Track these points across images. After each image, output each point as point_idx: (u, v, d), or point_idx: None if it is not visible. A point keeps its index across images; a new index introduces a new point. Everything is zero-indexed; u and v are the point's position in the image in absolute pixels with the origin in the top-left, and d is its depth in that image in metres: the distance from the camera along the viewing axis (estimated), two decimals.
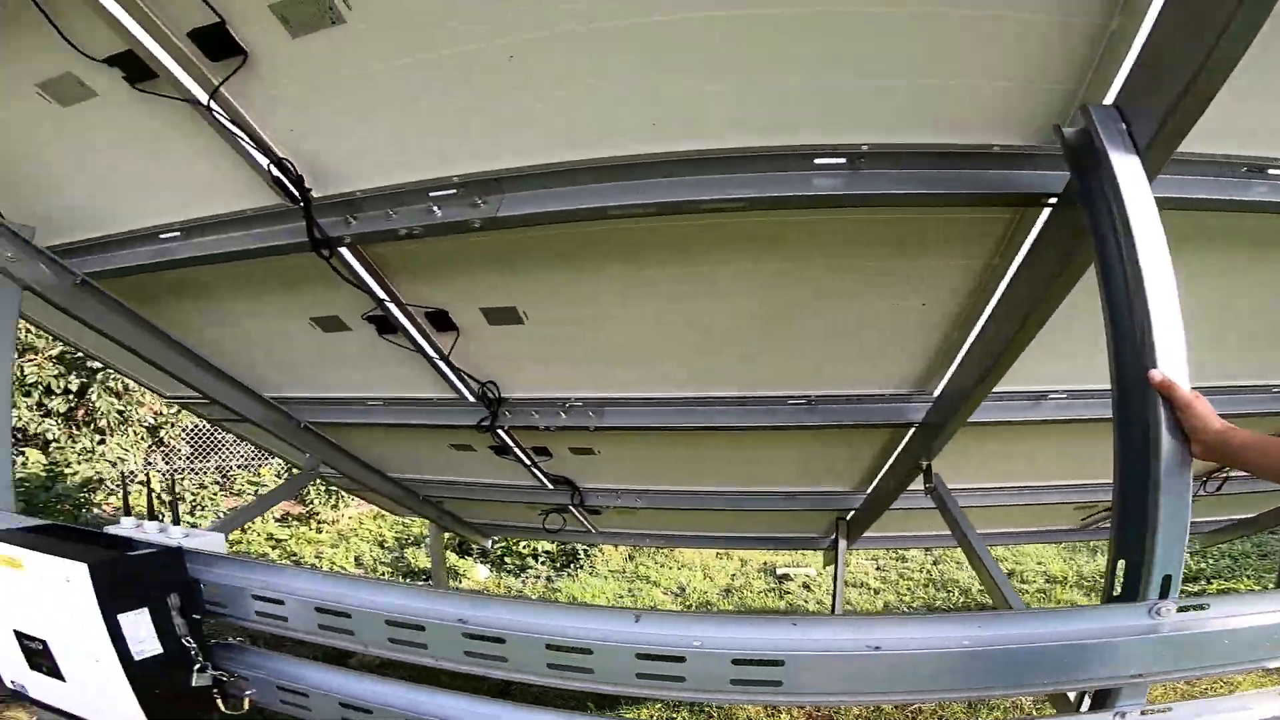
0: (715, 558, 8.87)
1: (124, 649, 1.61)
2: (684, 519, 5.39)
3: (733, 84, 1.76)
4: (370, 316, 2.80)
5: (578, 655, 1.45)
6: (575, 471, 4.46)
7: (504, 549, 8.80)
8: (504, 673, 1.54)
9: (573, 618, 1.48)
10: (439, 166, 2.06)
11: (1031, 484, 3.92)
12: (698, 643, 1.38)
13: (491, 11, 1.64)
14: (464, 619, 1.55)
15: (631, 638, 1.42)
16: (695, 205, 1.91)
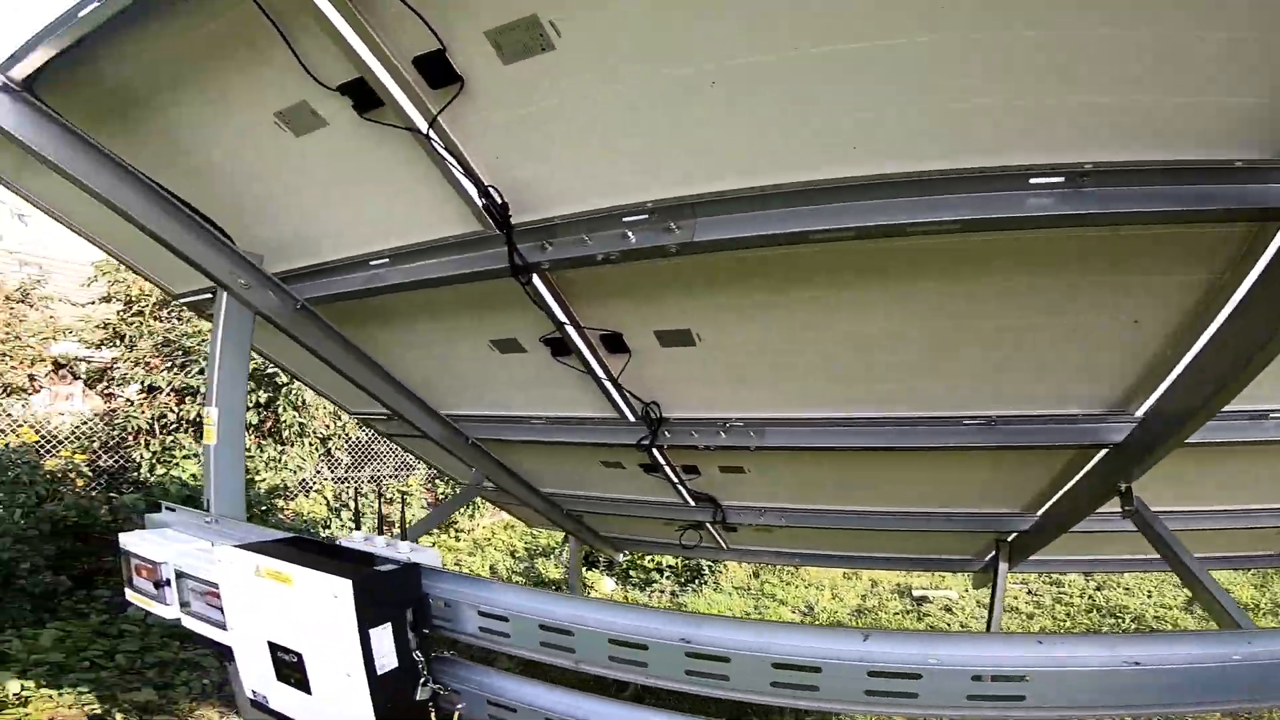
0: (843, 577, 8.60)
1: (371, 663, 1.69)
2: (821, 538, 5.25)
3: (942, 108, 1.71)
4: (547, 339, 2.93)
5: (805, 674, 1.45)
6: (719, 489, 4.46)
7: (630, 562, 8.91)
8: (725, 692, 1.55)
9: (797, 637, 1.49)
10: (633, 192, 2.11)
11: (1236, 507, 3.54)
12: (935, 660, 1.36)
13: (699, 39, 1.67)
14: (686, 638, 1.57)
15: (859, 656, 1.41)
16: (901, 229, 1.87)
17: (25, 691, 4.28)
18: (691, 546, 5.58)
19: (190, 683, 4.93)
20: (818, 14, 1.57)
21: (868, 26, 1.58)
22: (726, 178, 2.00)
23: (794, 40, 1.64)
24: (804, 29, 1.61)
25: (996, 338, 2.44)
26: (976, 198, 1.81)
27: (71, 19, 1.78)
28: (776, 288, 2.38)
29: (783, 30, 1.62)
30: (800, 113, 1.80)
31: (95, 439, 6.99)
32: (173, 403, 7.26)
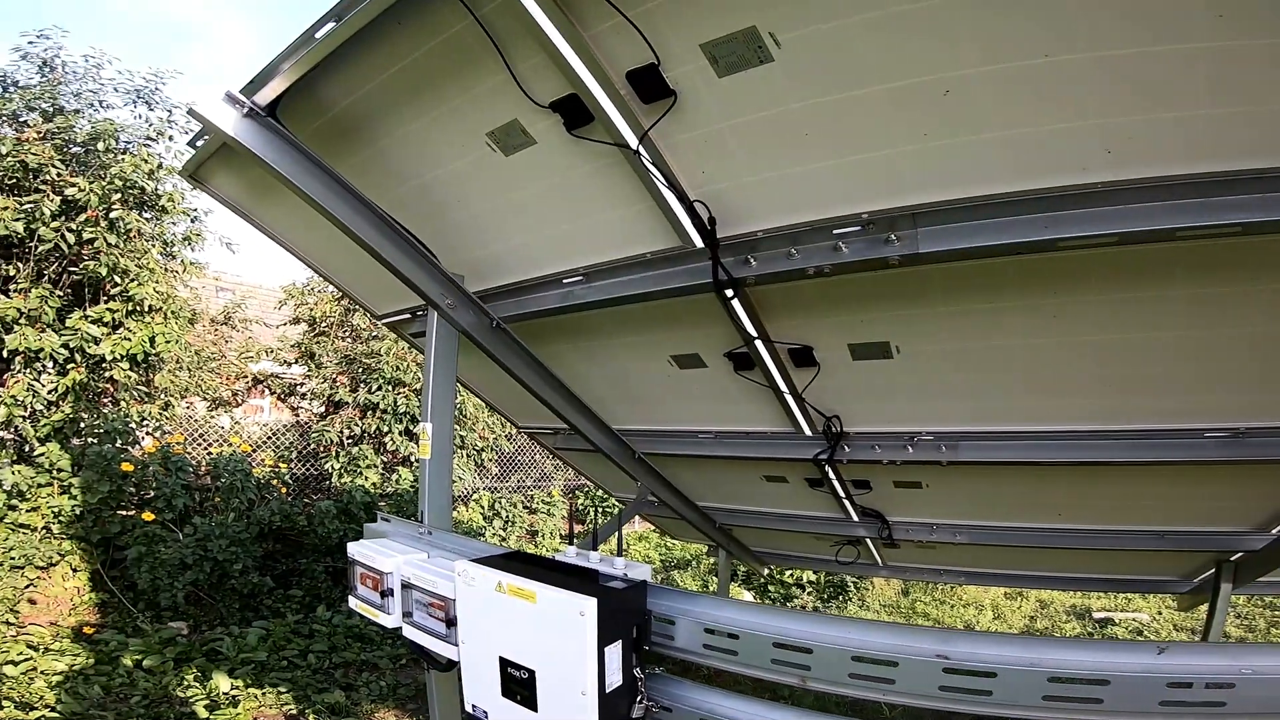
0: (1004, 596, 7.97)
1: (603, 680, 1.67)
2: (992, 555, 4.86)
3: (1212, 110, 1.51)
4: (732, 354, 2.87)
5: (1089, 686, 1.36)
6: (889, 504, 4.23)
7: (770, 576, 8.70)
8: (989, 709, 1.44)
9: (1080, 651, 1.39)
10: (845, 204, 2.01)
11: None
12: (1249, 670, 1.25)
13: (935, 49, 1.57)
14: (945, 654, 1.47)
15: (1153, 669, 1.31)
16: (1171, 233, 1.66)
17: (235, 691, 4.60)
18: (849, 562, 5.36)
19: (370, 684, 5.20)
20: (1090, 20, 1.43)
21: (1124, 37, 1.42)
22: (953, 186, 1.87)
23: (1045, 48, 1.50)
24: (1058, 38, 1.48)
25: (1255, 343, 2.13)
26: (1262, 199, 1.58)
27: (310, 41, 1.84)
28: (992, 297, 2.20)
29: (1031, 39, 1.49)
30: (1045, 119, 1.65)
31: (293, 449, 7.70)
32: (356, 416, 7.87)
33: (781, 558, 6.40)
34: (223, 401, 7.83)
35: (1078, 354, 2.33)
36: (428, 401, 2.68)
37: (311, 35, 1.84)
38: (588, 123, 1.96)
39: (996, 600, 7.86)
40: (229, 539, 5.78)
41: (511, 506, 9.00)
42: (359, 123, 2.28)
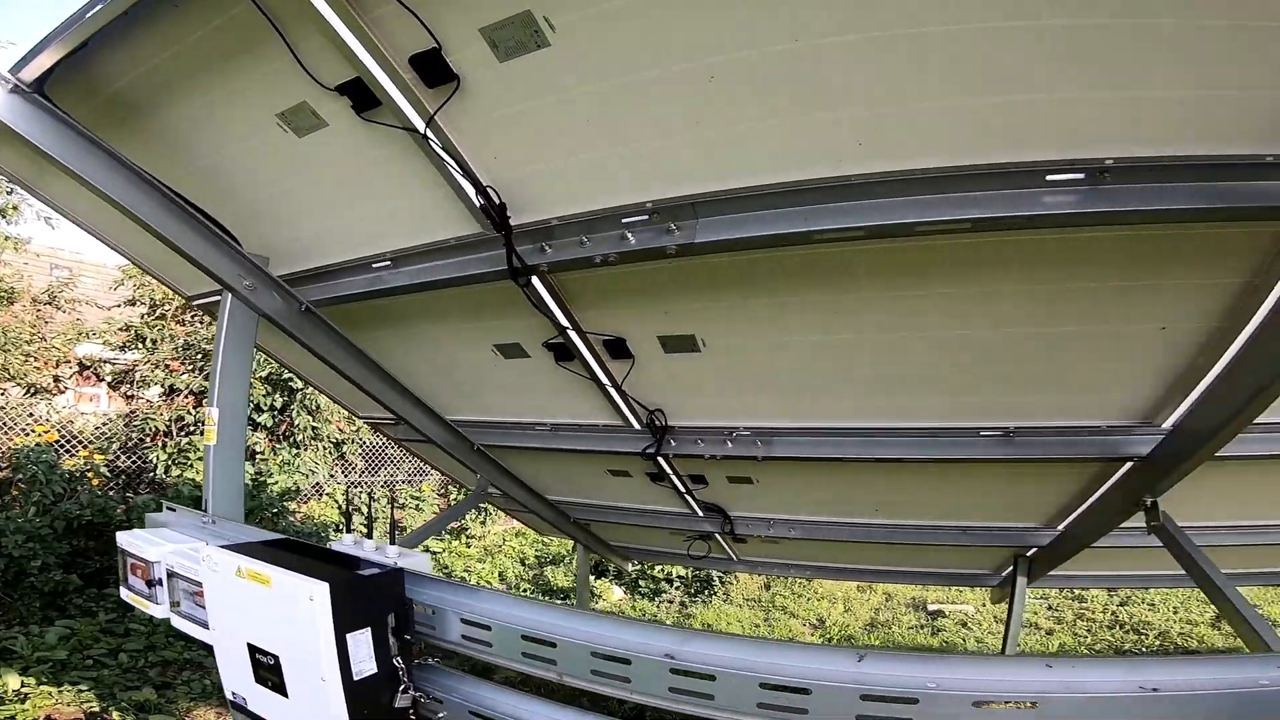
0: (856, 590, 8.39)
1: (347, 668, 1.63)
2: (833, 550, 5.10)
3: (954, 101, 1.60)
4: (550, 344, 2.84)
5: (794, 695, 1.34)
6: (728, 500, 4.33)
7: (639, 571, 8.77)
8: (711, 712, 1.44)
9: (791, 655, 1.38)
10: (634, 192, 2.02)
11: (1262, 522, 3.35)
12: (933, 685, 1.25)
13: (695, 32, 1.59)
14: (672, 654, 1.47)
15: (856, 678, 1.30)
16: (909, 228, 1.76)
17: (25, 688, 4.25)
18: (700, 557, 5.45)
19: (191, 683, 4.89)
20: (822, 4, 1.48)
21: (874, 17, 1.48)
22: (728, 176, 1.91)
23: (796, 31, 1.55)
24: (807, 22, 1.52)
25: (1016, 345, 2.31)
26: (990, 195, 1.70)
27: (80, 19, 1.76)
28: (781, 291, 2.28)
29: (783, 21, 1.53)
30: (803, 108, 1.70)
31: (115, 440, 7.01)
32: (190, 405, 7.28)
33: (642, 552, 6.45)
34: (42, 388, 7.03)
35: (858, 352, 2.45)
36: (215, 385, 2.53)
37: (83, 14, 1.75)
38: (375, 106, 1.92)
39: (849, 593, 8.27)
40: (25, 534, 5.19)
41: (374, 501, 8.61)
42: (144, 102, 2.16)
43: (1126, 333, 2.12)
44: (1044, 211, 1.69)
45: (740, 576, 8.78)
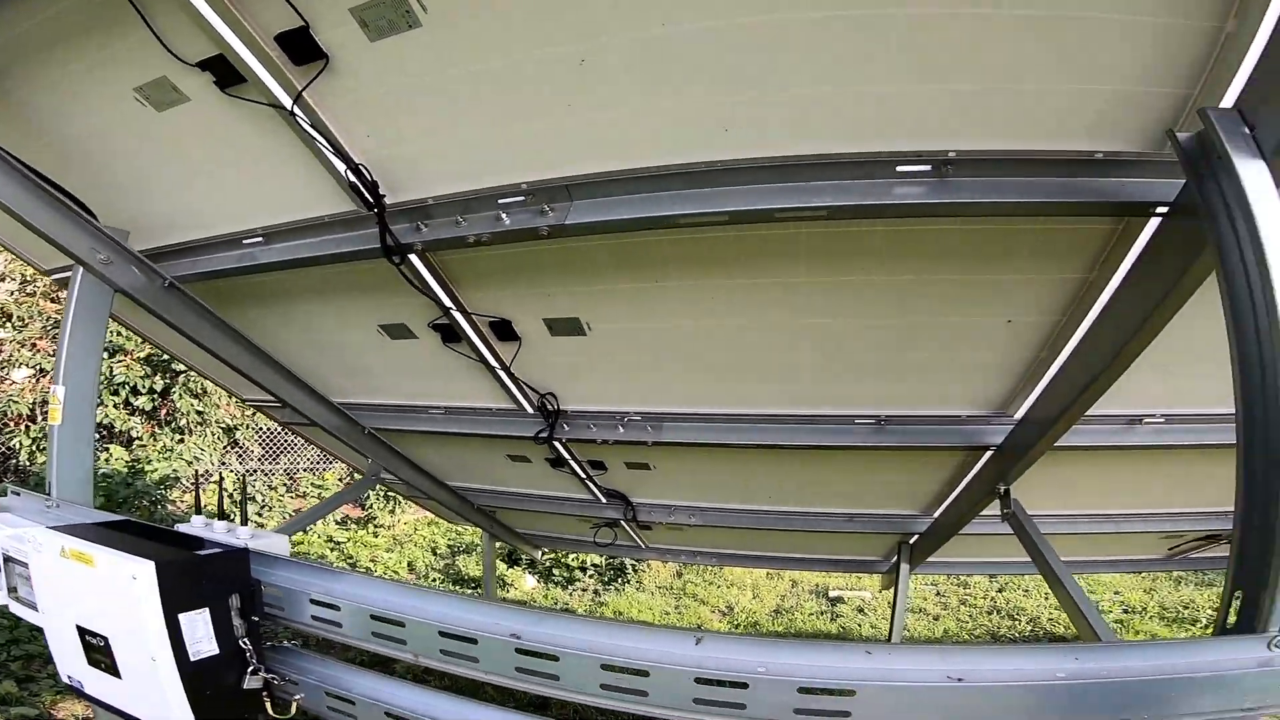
0: (766, 578, 8.64)
1: (181, 649, 1.60)
2: (737, 537, 5.24)
3: (814, 88, 1.66)
4: (436, 325, 2.79)
5: (633, 677, 1.37)
6: (629, 486, 4.38)
7: (553, 560, 8.76)
8: (556, 691, 1.47)
9: (632, 637, 1.40)
10: (509, 173, 2.02)
11: (1115, 512, 3.65)
12: (762, 669, 1.29)
13: (566, 16, 1.60)
14: (518, 634, 1.48)
15: (692, 661, 1.33)
16: (770, 214, 1.82)
17: None
18: (607, 544, 5.49)
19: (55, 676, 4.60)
20: None
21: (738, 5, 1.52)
22: (604, 160, 1.93)
23: (666, 16, 1.57)
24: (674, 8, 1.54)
25: (884, 336, 2.42)
26: (845, 184, 1.77)
27: None
28: (660, 276, 2.31)
29: (652, 7, 1.55)
30: (672, 94, 1.74)
31: None
32: None
33: (551, 540, 6.45)
34: None
35: (738, 338, 2.52)
36: (61, 362, 2.40)
37: None
38: (240, 83, 1.88)
39: (758, 581, 8.51)
40: None
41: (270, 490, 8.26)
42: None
43: (977, 325, 2.26)
44: (894, 201, 1.78)
45: (654, 565, 8.89)
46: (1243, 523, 1.32)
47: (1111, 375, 1.94)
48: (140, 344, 6.86)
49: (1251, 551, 1.29)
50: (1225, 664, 1.21)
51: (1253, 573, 1.28)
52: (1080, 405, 2.09)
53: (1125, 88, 1.56)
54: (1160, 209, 1.66)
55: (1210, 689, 1.20)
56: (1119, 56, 1.50)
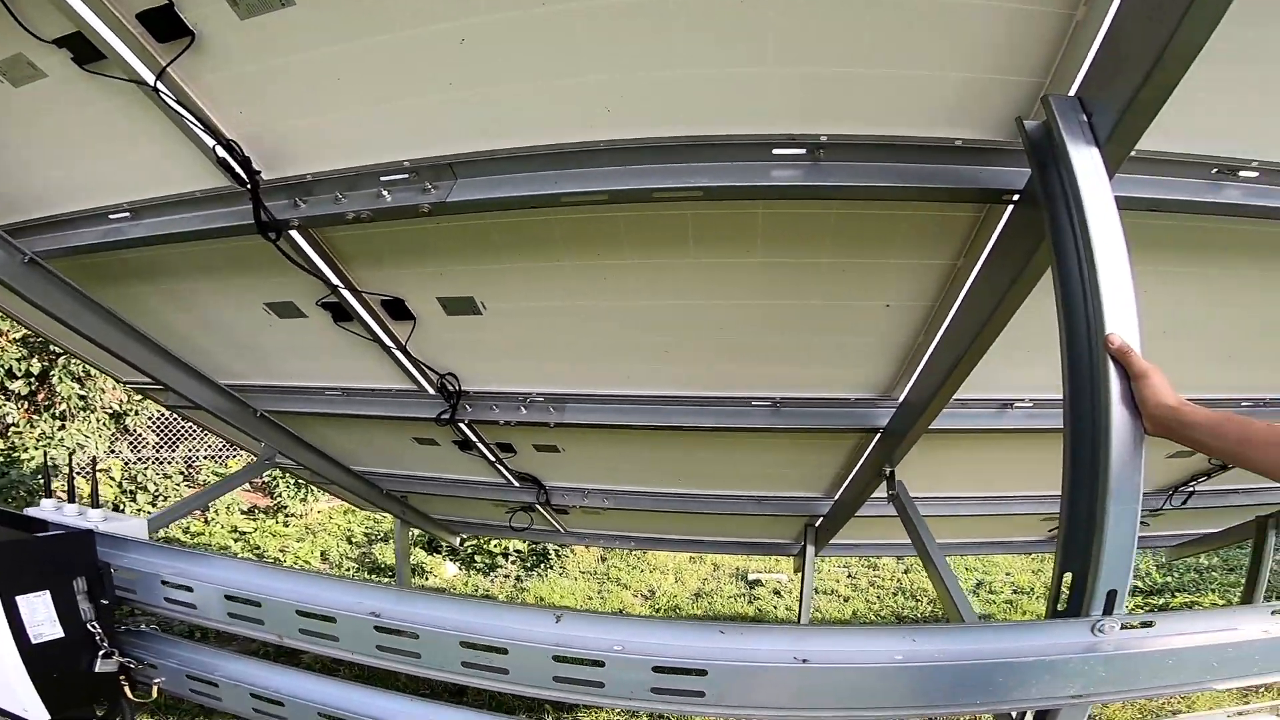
0: (689, 561, 8.82)
1: (21, 631, 1.55)
2: (655, 521, 5.33)
3: (691, 70, 1.70)
4: (325, 303, 2.72)
5: (493, 655, 1.39)
6: (541, 469, 4.39)
7: (474, 547, 8.71)
8: (417, 669, 1.49)
9: (490, 615, 1.43)
10: (391, 150, 2.00)
11: (998, 494, 3.89)
12: (619, 647, 1.33)
13: None
14: (377, 612, 1.49)
15: (550, 639, 1.36)
16: (648, 193, 1.85)
17: None
18: (523, 529, 5.50)
19: None
20: None
21: None
22: (487, 138, 1.92)
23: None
24: None
25: (776, 319, 2.50)
26: (723, 166, 1.82)
27: None
28: (552, 255, 2.33)
29: None
30: (555, 74, 1.74)
31: None
32: None
33: (467, 525, 6.40)
34: None
35: (632, 319, 2.56)
36: None
37: None
38: (100, 59, 1.81)
39: (680, 564, 8.69)
40: None
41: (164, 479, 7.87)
42: None
43: (860, 309, 2.36)
44: (771, 183, 1.83)
45: (578, 550, 8.95)
46: (1069, 504, 1.39)
47: (972, 359, 2.06)
48: (16, 325, 6.39)
49: (1078, 534, 1.35)
50: (1052, 648, 1.24)
51: (1078, 553, 1.34)
52: (948, 388, 2.22)
53: (983, 75, 1.62)
54: (1011, 197, 1.75)
55: (1037, 674, 1.23)
56: (975, 43, 1.55)
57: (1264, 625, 1.31)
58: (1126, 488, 1.29)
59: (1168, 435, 1.28)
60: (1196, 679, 1.30)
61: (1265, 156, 1.76)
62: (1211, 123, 1.69)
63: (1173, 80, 1.29)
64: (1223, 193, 1.81)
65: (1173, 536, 5.14)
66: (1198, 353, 2.51)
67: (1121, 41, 1.37)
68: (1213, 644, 1.28)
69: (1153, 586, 7.43)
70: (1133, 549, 1.30)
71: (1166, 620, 1.30)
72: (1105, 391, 1.31)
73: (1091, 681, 1.24)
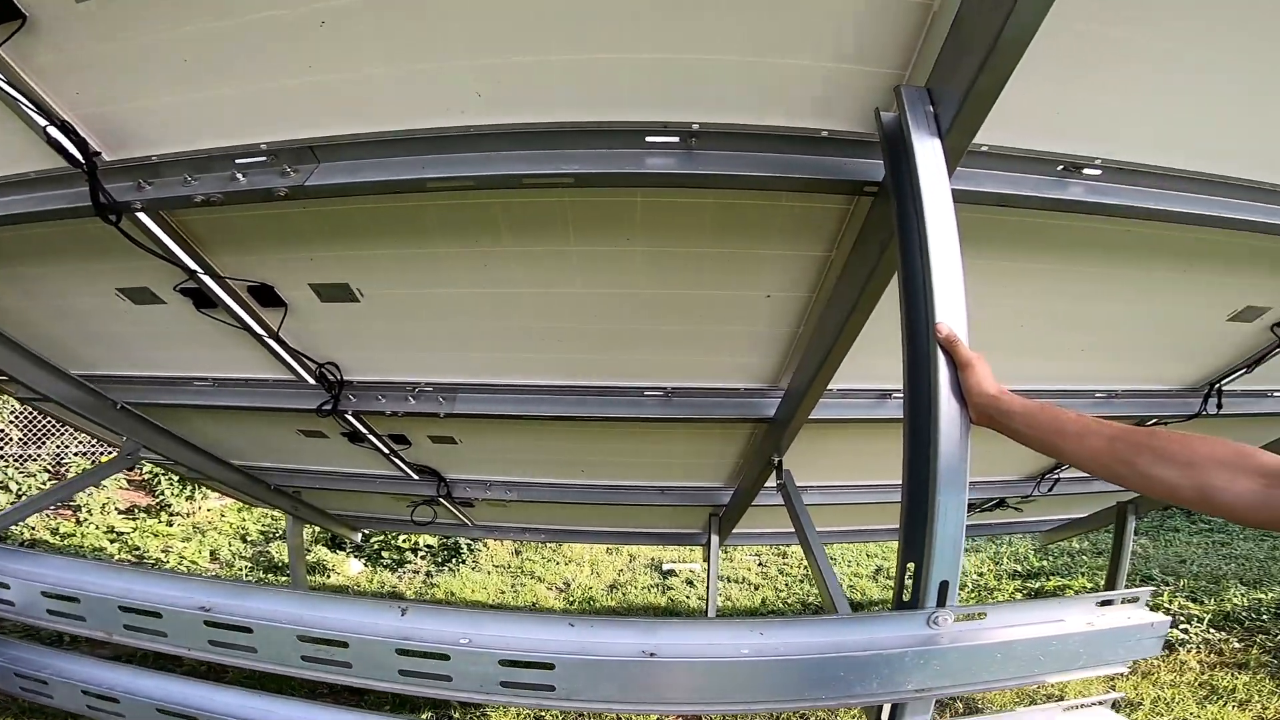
0: (606, 553, 8.86)
1: None
2: (565, 513, 5.34)
3: (563, 55, 1.69)
4: (184, 289, 2.57)
5: (334, 648, 1.38)
6: (440, 461, 4.31)
7: (382, 543, 8.49)
8: (254, 663, 1.46)
9: (329, 609, 1.42)
10: (249, 133, 1.92)
11: (883, 482, 4.07)
12: (465, 640, 1.32)
13: None
14: (208, 607, 1.46)
15: (395, 632, 1.36)
16: (518, 180, 1.84)
17: None
18: (426, 523, 5.39)
19: None
20: None
21: None
22: (350, 122, 1.87)
23: None
24: None
25: (660, 306, 2.53)
26: (595, 153, 1.82)
27: None
28: (429, 242, 2.29)
29: None
30: (422, 57, 1.70)
31: None
32: None
33: (369, 520, 6.24)
34: None
35: (519, 307, 2.54)
36: None
37: None
38: None
39: (597, 556, 8.72)
40: None
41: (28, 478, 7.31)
42: None
43: (742, 299, 2.42)
44: (646, 170, 1.84)
45: (491, 544, 8.85)
46: (908, 495, 1.42)
47: (841, 349, 2.15)
48: None
49: (915, 520, 1.36)
50: (890, 641, 1.26)
51: (916, 543, 1.35)
52: (821, 378, 2.31)
53: (847, 66, 1.64)
54: (872, 189, 1.81)
55: (877, 668, 1.23)
56: (839, 33, 1.58)
57: (1088, 617, 1.36)
58: (954, 478, 1.32)
59: (990, 425, 1.32)
60: (1027, 672, 1.33)
61: (1109, 155, 1.88)
62: (1058, 121, 1.79)
63: (1007, 68, 1.33)
64: (1068, 190, 1.92)
65: (1045, 522, 5.53)
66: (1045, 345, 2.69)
67: (963, 29, 1.41)
68: (1040, 636, 1.31)
69: (1030, 570, 7.97)
70: (961, 539, 1.32)
71: (997, 612, 1.34)
72: (935, 381, 1.34)
73: (929, 675, 1.25)
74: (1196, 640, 5.55)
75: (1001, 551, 8.62)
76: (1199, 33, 1.57)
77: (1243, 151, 1.91)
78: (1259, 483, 0.98)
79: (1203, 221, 1.98)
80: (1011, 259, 2.25)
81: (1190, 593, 6.67)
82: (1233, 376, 2.94)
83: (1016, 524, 5.43)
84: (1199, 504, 1.05)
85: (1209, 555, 7.99)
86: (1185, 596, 6.55)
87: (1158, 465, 1.08)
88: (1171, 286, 2.40)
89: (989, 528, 5.51)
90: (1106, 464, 1.15)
